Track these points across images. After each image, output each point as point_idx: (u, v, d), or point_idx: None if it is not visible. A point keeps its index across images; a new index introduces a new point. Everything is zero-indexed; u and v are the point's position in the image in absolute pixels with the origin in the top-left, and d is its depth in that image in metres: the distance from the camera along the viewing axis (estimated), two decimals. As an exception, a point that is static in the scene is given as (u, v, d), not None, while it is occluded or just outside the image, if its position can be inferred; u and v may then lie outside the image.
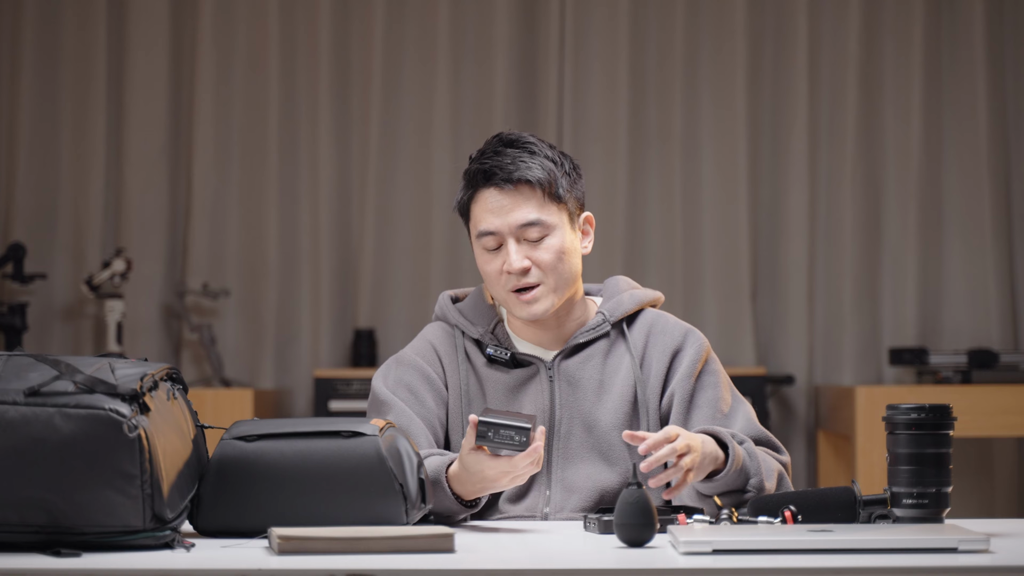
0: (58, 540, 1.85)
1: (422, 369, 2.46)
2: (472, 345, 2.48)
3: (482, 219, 2.43)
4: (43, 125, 5.26)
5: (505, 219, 2.41)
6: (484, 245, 2.43)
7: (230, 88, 5.29)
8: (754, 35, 5.34)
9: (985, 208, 5.28)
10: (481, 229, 2.43)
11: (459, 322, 2.50)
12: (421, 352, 2.49)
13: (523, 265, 2.40)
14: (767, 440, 2.40)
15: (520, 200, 2.41)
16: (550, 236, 2.41)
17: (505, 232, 2.41)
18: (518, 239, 2.41)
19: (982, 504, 5.24)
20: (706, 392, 2.43)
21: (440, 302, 2.55)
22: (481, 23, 5.33)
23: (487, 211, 2.42)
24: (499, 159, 2.43)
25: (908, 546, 1.81)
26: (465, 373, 2.45)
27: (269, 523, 1.95)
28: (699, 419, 2.41)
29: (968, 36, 5.32)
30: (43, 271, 5.16)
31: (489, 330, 2.47)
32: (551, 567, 1.78)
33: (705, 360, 2.45)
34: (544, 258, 2.41)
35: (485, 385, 2.44)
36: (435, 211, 5.25)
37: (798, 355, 5.28)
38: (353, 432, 2.04)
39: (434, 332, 2.52)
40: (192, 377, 5.17)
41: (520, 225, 2.40)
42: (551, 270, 2.41)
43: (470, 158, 2.49)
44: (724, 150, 5.30)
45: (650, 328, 2.48)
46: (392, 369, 2.49)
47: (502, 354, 2.45)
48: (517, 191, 2.41)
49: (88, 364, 1.93)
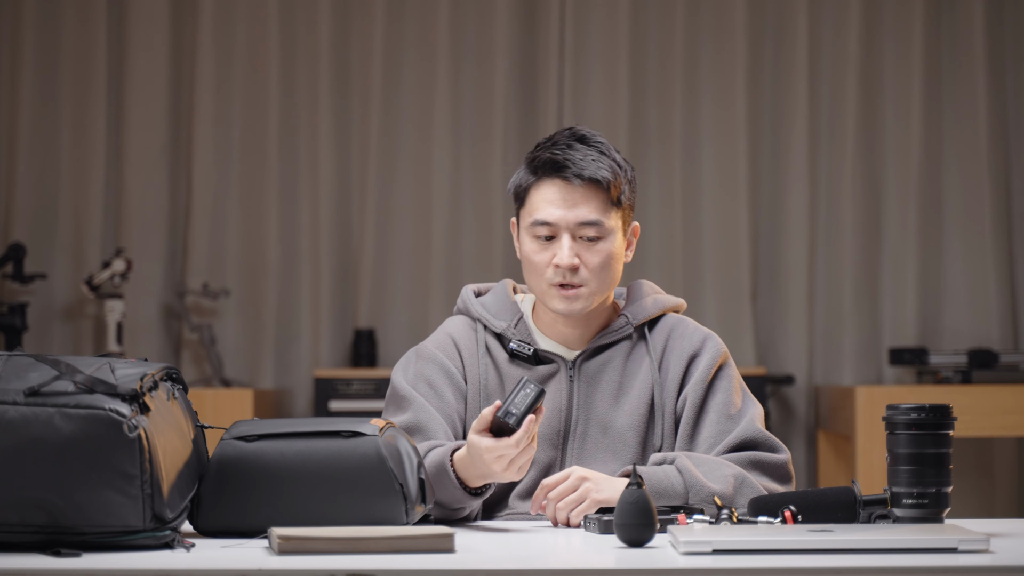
0: (58, 540, 1.85)
1: (442, 363, 2.45)
2: (493, 340, 2.48)
3: (541, 208, 2.41)
4: (43, 125, 5.26)
5: (567, 213, 2.40)
6: (536, 234, 2.42)
7: (230, 88, 5.29)
8: (754, 35, 5.34)
9: (985, 208, 5.28)
10: (539, 218, 2.41)
11: (481, 315, 2.49)
12: (441, 346, 2.48)
13: (574, 263, 2.39)
14: (762, 440, 2.39)
15: (586, 198, 2.40)
16: (604, 240, 2.41)
17: (563, 226, 2.40)
18: (574, 236, 2.40)
19: (982, 504, 5.24)
20: (716, 396, 2.43)
21: (463, 295, 2.54)
22: (481, 23, 5.33)
23: (548, 202, 2.41)
24: (572, 153, 2.41)
25: (908, 546, 1.81)
26: (485, 368, 2.45)
27: (269, 523, 1.95)
28: (708, 423, 2.41)
29: (968, 36, 5.32)
30: (43, 271, 5.16)
31: (512, 325, 2.47)
32: (551, 567, 1.78)
33: (720, 365, 2.46)
34: (594, 261, 2.40)
35: (505, 380, 2.44)
36: (435, 211, 5.25)
37: (798, 355, 5.28)
38: (353, 432, 2.04)
39: (455, 325, 2.51)
40: (192, 377, 5.17)
41: (580, 223, 2.40)
42: (597, 274, 2.41)
43: (537, 145, 2.46)
44: (724, 150, 5.30)
45: (670, 332, 2.49)
46: (412, 362, 2.48)
47: (525, 349, 2.44)
48: (584, 188, 2.40)
49: (88, 364, 1.93)
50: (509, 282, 2.56)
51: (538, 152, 2.45)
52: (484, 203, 5.27)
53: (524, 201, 2.46)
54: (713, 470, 2.31)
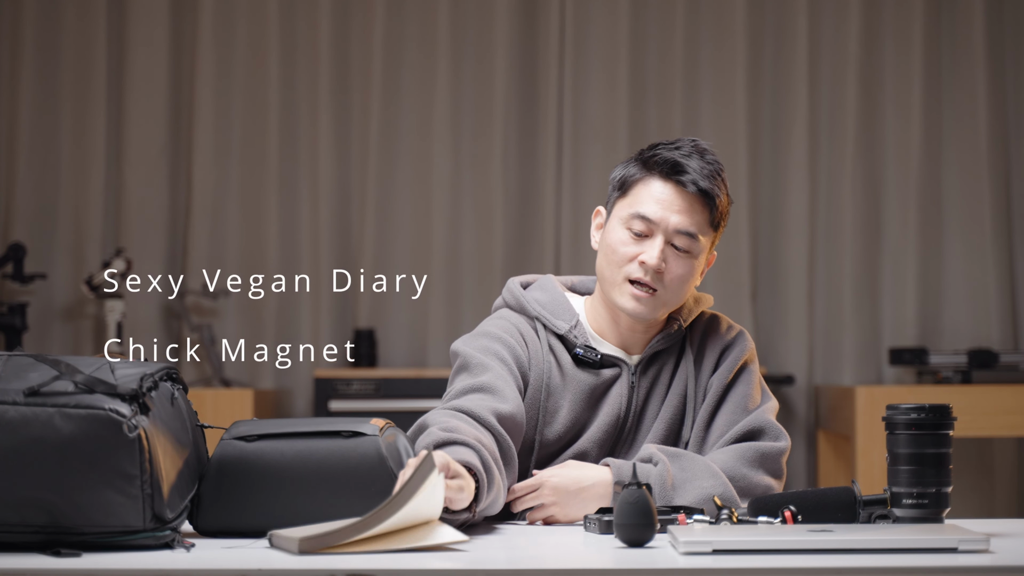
0: (58, 540, 1.85)
1: (509, 345, 2.42)
2: (556, 340, 2.46)
3: (646, 203, 2.40)
4: (43, 124, 5.26)
5: (670, 216, 2.39)
6: (632, 226, 2.40)
7: (230, 87, 5.29)
8: (754, 35, 5.34)
9: (985, 208, 5.28)
10: (641, 211, 2.40)
11: (540, 314, 2.48)
12: (508, 331, 2.45)
13: (661, 266, 2.38)
14: (768, 427, 2.41)
15: (693, 208, 2.40)
16: (692, 256, 2.41)
17: (662, 228, 2.39)
18: (667, 240, 2.40)
19: (982, 504, 5.24)
20: (737, 389, 2.45)
21: (513, 291, 2.52)
22: (481, 23, 5.33)
23: (656, 200, 2.40)
24: (692, 161, 2.41)
25: (908, 546, 1.81)
26: (549, 366, 2.44)
27: (269, 523, 1.95)
28: (724, 412, 2.44)
29: (968, 36, 5.32)
30: (43, 271, 5.16)
31: (572, 327, 2.46)
32: (551, 567, 1.78)
33: (745, 361, 2.48)
34: (676, 272, 2.40)
35: (568, 382, 2.43)
36: (435, 211, 5.25)
37: (798, 355, 5.29)
38: (353, 432, 2.04)
39: (514, 318, 2.48)
40: (192, 377, 5.17)
41: (679, 230, 2.39)
42: (675, 285, 2.41)
43: (657, 144, 2.45)
44: (724, 150, 5.30)
45: (706, 328, 2.51)
46: (479, 337, 2.43)
47: (593, 355, 2.44)
48: (694, 198, 2.40)
49: (88, 364, 1.93)
50: (554, 278, 2.54)
51: (658, 150, 2.43)
52: (484, 202, 5.27)
53: (627, 192, 2.43)
54: (690, 480, 2.30)
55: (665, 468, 2.29)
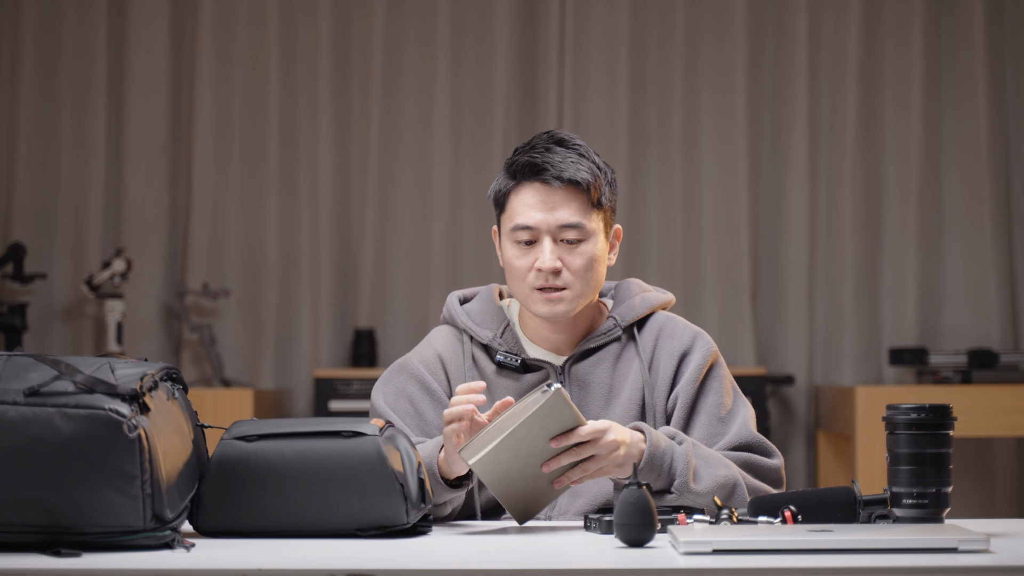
0: (58, 540, 1.85)
1: (424, 381, 2.44)
2: (480, 350, 2.46)
3: (521, 213, 2.39)
4: (43, 125, 5.26)
5: (547, 217, 2.38)
6: (517, 239, 2.40)
7: (230, 87, 5.30)
8: (754, 35, 5.34)
9: (985, 208, 5.28)
10: (519, 223, 2.39)
11: (467, 326, 2.48)
12: (425, 361, 2.46)
13: (556, 266, 2.37)
14: (756, 445, 2.39)
15: (566, 200, 2.39)
16: (586, 242, 2.40)
17: (544, 230, 2.38)
18: (555, 239, 2.39)
19: (982, 504, 5.24)
20: (707, 398, 2.42)
21: (448, 304, 2.53)
22: (481, 23, 5.33)
23: (529, 206, 2.39)
24: (550, 155, 2.40)
25: (908, 546, 1.81)
26: (473, 378, 2.43)
27: (269, 523, 1.95)
28: (699, 424, 2.40)
29: (968, 36, 5.32)
30: (43, 271, 5.16)
31: (498, 334, 2.45)
32: (551, 567, 1.78)
33: (711, 365, 2.44)
34: (577, 263, 2.39)
35: (494, 391, 2.42)
36: (435, 211, 5.25)
37: (798, 355, 5.29)
38: (353, 432, 2.04)
39: (440, 338, 2.50)
40: (192, 377, 5.17)
41: (561, 225, 2.38)
42: (580, 276, 2.39)
43: (516, 150, 2.45)
44: (724, 150, 5.30)
45: (659, 331, 2.47)
46: (394, 378, 2.46)
47: (512, 361, 2.43)
48: (564, 190, 2.39)
49: (88, 364, 1.93)
50: (495, 287, 2.54)
51: (516, 157, 2.43)
52: (484, 202, 5.22)
53: (504, 207, 2.43)
54: (711, 467, 2.29)
55: (689, 446, 2.28)
